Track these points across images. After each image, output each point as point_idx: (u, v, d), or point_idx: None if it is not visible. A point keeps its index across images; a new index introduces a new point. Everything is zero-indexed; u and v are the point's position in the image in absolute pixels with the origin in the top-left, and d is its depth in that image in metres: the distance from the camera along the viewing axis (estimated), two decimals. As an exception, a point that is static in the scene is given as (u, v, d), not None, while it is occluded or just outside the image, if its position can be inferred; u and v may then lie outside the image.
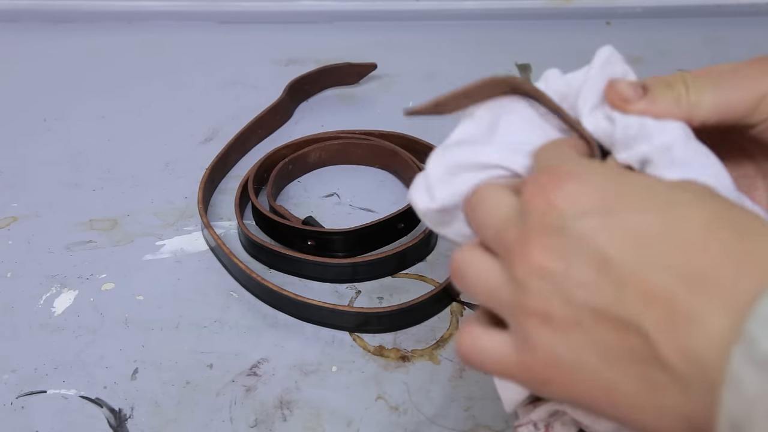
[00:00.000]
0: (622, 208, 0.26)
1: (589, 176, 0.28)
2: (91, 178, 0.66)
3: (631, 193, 0.27)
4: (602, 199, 0.27)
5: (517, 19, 0.88)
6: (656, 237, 0.26)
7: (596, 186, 0.27)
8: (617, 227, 0.26)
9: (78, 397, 0.47)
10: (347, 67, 0.77)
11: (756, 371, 0.22)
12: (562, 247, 0.27)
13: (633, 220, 0.26)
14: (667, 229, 0.26)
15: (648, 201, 0.27)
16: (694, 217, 0.26)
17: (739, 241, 0.25)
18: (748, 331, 0.23)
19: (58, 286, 0.55)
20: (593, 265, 0.26)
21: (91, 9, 0.90)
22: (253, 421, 0.46)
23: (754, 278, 0.24)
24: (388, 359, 0.49)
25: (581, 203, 0.27)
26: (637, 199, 0.27)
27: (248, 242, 0.57)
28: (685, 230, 0.25)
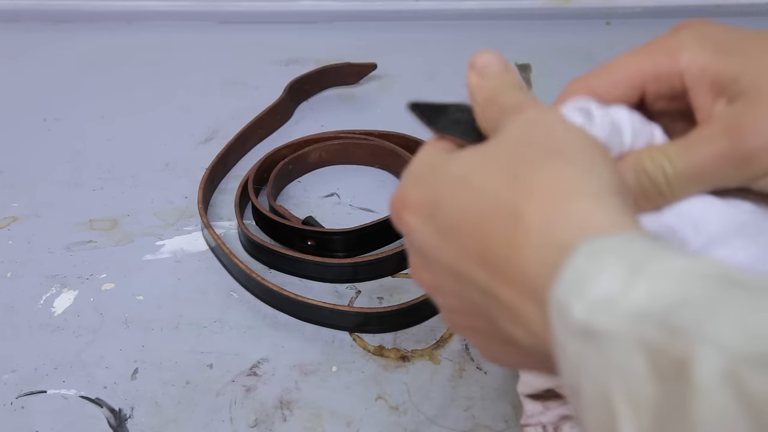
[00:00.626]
0: (442, 209, 0.29)
1: (423, 183, 0.30)
2: (91, 178, 0.66)
3: (448, 191, 0.29)
4: (429, 205, 0.29)
5: (517, 19, 0.88)
6: (464, 233, 0.28)
7: (425, 193, 0.30)
8: (441, 233, 0.29)
9: (78, 397, 0.47)
10: (347, 67, 0.77)
11: (575, 340, 0.22)
12: (424, 263, 0.31)
13: (448, 221, 0.28)
14: (469, 223, 0.27)
15: (456, 195, 0.28)
16: (485, 203, 0.27)
17: (515, 222, 0.26)
18: (557, 300, 0.23)
19: (58, 286, 0.55)
20: (445, 274, 0.29)
21: (91, 9, 0.90)
22: (253, 421, 0.46)
23: (542, 256, 0.25)
24: (388, 359, 0.49)
25: (417, 216, 0.30)
26: (451, 196, 0.28)
27: (248, 242, 0.57)
28: (482, 220, 0.27)
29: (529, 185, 0.26)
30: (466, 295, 0.28)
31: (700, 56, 0.31)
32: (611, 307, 0.21)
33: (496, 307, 0.27)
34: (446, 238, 0.28)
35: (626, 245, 0.23)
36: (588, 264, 0.23)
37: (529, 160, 0.27)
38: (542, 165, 0.26)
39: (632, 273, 0.21)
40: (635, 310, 0.21)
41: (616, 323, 0.21)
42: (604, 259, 0.22)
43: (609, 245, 0.23)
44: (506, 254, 0.26)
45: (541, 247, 0.25)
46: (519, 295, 0.25)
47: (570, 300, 0.22)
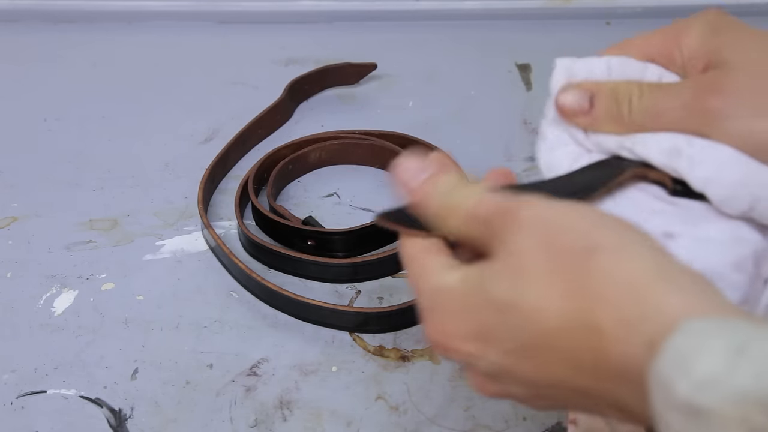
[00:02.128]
0: (491, 326, 0.28)
1: (458, 314, 0.29)
2: (91, 178, 0.66)
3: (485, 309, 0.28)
4: (476, 328, 0.29)
5: (517, 19, 0.88)
6: (528, 345, 0.27)
7: (465, 319, 0.29)
8: (507, 353, 0.28)
9: (78, 397, 0.47)
10: (347, 67, 0.77)
11: (679, 415, 0.22)
12: (494, 379, 0.30)
13: (504, 340, 0.28)
14: (522, 338, 0.27)
15: (505, 317, 0.28)
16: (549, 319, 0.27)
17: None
18: (659, 376, 0.23)
19: (58, 286, 0.55)
20: (526, 388, 0.29)
21: (91, 9, 0.90)
22: (253, 421, 0.46)
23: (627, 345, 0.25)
24: (388, 359, 0.49)
25: (469, 346, 0.29)
26: (498, 320, 0.28)
27: (248, 242, 0.57)
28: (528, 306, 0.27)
29: (589, 291, 0.26)
30: (544, 394, 0.29)
31: (700, 35, 0.33)
32: (716, 387, 0.22)
33: (584, 397, 0.27)
34: (518, 359, 0.28)
35: (726, 324, 0.23)
36: (690, 342, 0.23)
37: (573, 266, 0.26)
38: (590, 265, 0.26)
39: (736, 353, 0.22)
40: (740, 390, 0.21)
41: (720, 403, 0.21)
42: (708, 338, 0.23)
43: (711, 324, 0.23)
44: (592, 357, 0.26)
45: (629, 341, 0.25)
46: (612, 384, 0.26)
47: (673, 376, 0.23)
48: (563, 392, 0.28)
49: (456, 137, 0.68)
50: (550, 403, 0.30)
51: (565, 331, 0.26)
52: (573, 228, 0.27)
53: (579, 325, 0.26)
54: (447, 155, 0.33)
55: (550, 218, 0.28)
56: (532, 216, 0.28)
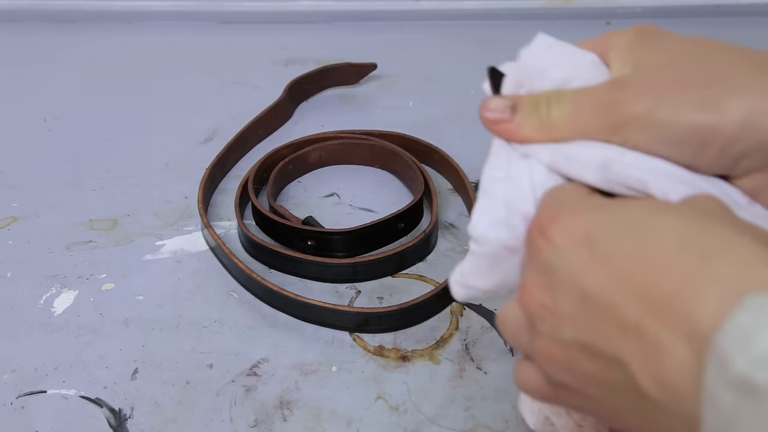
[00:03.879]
0: (602, 238, 0.27)
1: (579, 211, 0.29)
2: (91, 178, 0.66)
3: (612, 223, 0.28)
4: (587, 232, 0.28)
5: (517, 19, 0.88)
6: (630, 266, 0.26)
7: (584, 220, 0.28)
8: (597, 259, 0.27)
9: (78, 397, 0.47)
10: (347, 67, 0.77)
11: (731, 392, 0.22)
12: (551, 285, 0.29)
13: (610, 251, 0.27)
14: (639, 257, 0.26)
15: (626, 230, 0.27)
16: (665, 242, 0.26)
17: (702, 264, 0.25)
18: (718, 351, 0.23)
19: (58, 286, 0.55)
20: (576, 300, 0.28)
21: (91, 9, 0.90)
22: (253, 421, 0.46)
23: (714, 302, 0.24)
24: (388, 359, 0.49)
25: (569, 238, 0.28)
26: (616, 229, 0.28)
27: (248, 242, 0.57)
28: (655, 257, 0.26)
29: (719, 239, 0.26)
30: (589, 328, 0.27)
31: (626, 39, 0.34)
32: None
33: (635, 347, 0.26)
34: (602, 264, 0.27)
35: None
36: (753, 319, 0.23)
37: (711, 222, 0.27)
38: (725, 228, 0.26)
39: None
40: None
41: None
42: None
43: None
44: (676, 290, 0.25)
45: (720, 294, 0.24)
46: (672, 335, 0.25)
47: (732, 352, 0.22)
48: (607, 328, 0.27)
49: (456, 137, 0.68)
50: (583, 372, 0.28)
51: (672, 253, 0.26)
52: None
53: (693, 253, 0.25)
54: None
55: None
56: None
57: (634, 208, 0.28)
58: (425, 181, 0.60)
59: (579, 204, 0.30)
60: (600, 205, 0.29)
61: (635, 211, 0.28)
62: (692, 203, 0.28)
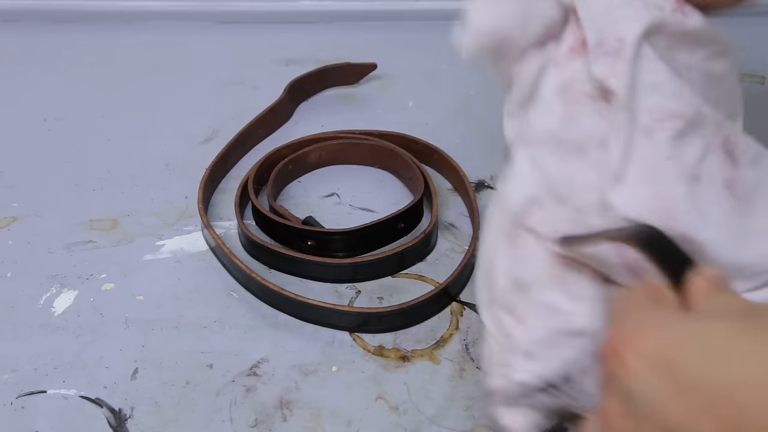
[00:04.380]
0: (683, 364, 0.26)
1: (656, 331, 0.28)
2: (91, 178, 0.66)
3: (693, 346, 0.27)
4: (666, 355, 0.27)
5: (517, 19, 0.88)
6: (714, 398, 0.26)
7: (662, 341, 0.27)
8: (678, 389, 0.26)
9: (78, 397, 0.47)
10: (347, 67, 0.77)
11: None
12: (632, 414, 0.28)
13: (692, 379, 0.26)
14: (723, 389, 0.26)
15: (709, 355, 0.26)
16: (751, 372, 0.25)
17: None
18: None
19: (58, 286, 0.55)
20: (658, 428, 0.27)
21: (91, 9, 0.90)
22: (253, 421, 0.46)
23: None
24: (388, 359, 0.49)
25: (647, 363, 0.27)
26: (698, 353, 0.27)
27: (248, 242, 0.57)
28: (740, 389, 0.25)
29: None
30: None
31: None
32: None
33: None
34: (684, 394, 0.26)
35: None
36: None
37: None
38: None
39: None
40: None
41: None
42: None
43: None
44: (764, 426, 0.24)
45: None
46: None
47: None
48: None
49: (456, 137, 0.68)
50: None
51: (756, 388, 0.25)
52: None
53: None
54: None
55: None
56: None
57: (717, 327, 0.27)
58: (425, 181, 0.60)
59: (655, 320, 0.28)
60: (679, 321, 0.28)
61: (719, 331, 0.27)
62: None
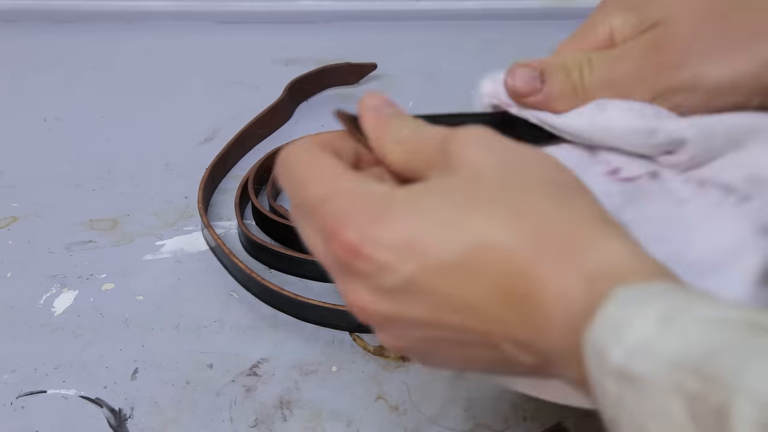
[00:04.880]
0: (431, 247, 0.26)
1: (390, 218, 0.27)
2: (91, 178, 0.66)
3: (433, 228, 0.26)
4: (410, 241, 0.26)
5: (517, 19, 0.88)
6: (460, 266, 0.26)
7: (401, 227, 0.26)
8: (439, 272, 0.26)
9: (78, 397, 0.47)
10: (347, 67, 0.77)
11: (613, 381, 0.22)
12: (390, 298, 0.27)
13: (446, 260, 0.26)
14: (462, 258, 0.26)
15: (448, 236, 0.26)
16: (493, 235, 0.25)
17: (561, 262, 0.25)
18: (594, 343, 0.23)
19: (58, 286, 0.55)
20: (427, 308, 0.27)
21: (91, 9, 0.90)
22: (253, 421, 0.46)
23: (581, 298, 0.24)
24: (388, 359, 0.49)
25: (391, 250, 0.26)
26: (441, 234, 0.26)
27: (248, 242, 0.57)
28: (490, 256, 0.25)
29: (537, 226, 0.25)
30: (443, 327, 0.27)
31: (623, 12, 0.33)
32: (648, 353, 0.22)
33: (486, 337, 0.26)
34: (437, 276, 0.26)
35: (658, 292, 0.23)
36: (623, 310, 0.23)
37: (524, 196, 0.26)
38: (541, 199, 0.26)
39: (666, 321, 0.22)
40: (671, 357, 0.21)
41: (653, 369, 0.21)
42: (639, 306, 0.23)
43: (642, 292, 0.23)
44: (523, 287, 0.25)
45: (571, 274, 0.24)
46: (532, 324, 0.25)
47: (607, 343, 0.23)
48: (467, 326, 0.26)
49: (456, 137, 0.68)
50: (440, 349, 0.28)
51: (503, 254, 0.25)
52: (525, 160, 0.27)
53: (521, 254, 0.25)
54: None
55: (502, 143, 0.27)
56: (486, 137, 0.27)
57: (435, 202, 0.26)
58: (425, 181, 0.60)
59: (385, 205, 0.27)
60: (405, 204, 0.27)
61: (437, 204, 0.26)
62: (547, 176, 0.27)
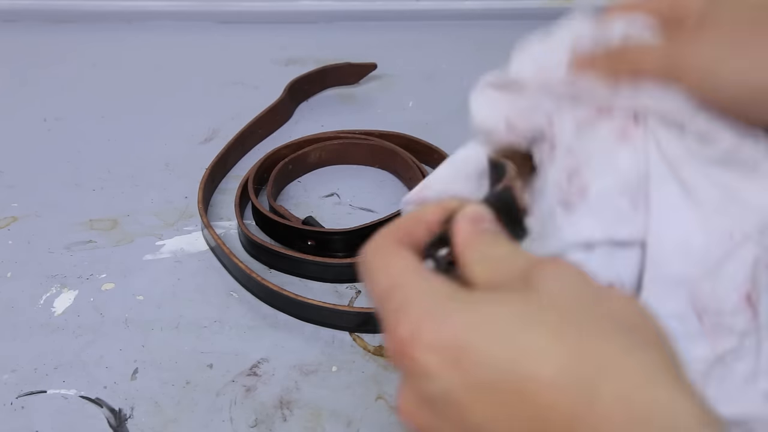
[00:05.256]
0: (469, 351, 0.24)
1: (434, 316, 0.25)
2: (91, 178, 0.66)
3: (481, 334, 0.24)
4: (451, 343, 0.24)
5: (517, 19, 0.88)
6: (502, 388, 0.24)
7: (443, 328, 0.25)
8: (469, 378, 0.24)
9: (78, 397, 0.47)
10: (347, 67, 0.77)
11: None
12: (430, 408, 0.26)
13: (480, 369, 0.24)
14: (507, 378, 0.24)
15: (499, 346, 0.24)
16: (545, 368, 0.23)
17: (589, 406, 0.23)
18: None
19: (58, 286, 0.55)
20: (458, 427, 0.25)
21: (91, 9, 0.90)
22: (253, 421, 0.46)
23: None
24: (388, 359, 0.49)
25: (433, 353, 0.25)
26: (488, 344, 0.24)
27: (248, 242, 0.57)
28: (533, 385, 0.23)
29: (602, 362, 0.23)
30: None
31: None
32: None
33: None
34: (481, 396, 0.24)
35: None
36: None
37: (592, 330, 0.24)
38: (612, 339, 0.24)
39: None
40: None
41: None
42: None
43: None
44: (569, 423, 0.23)
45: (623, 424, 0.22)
46: None
47: None
48: None
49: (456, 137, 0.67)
50: None
51: (549, 392, 0.23)
52: (603, 298, 0.25)
53: (567, 398, 0.23)
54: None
55: (583, 279, 0.26)
56: (568, 270, 0.26)
57: (499, 311, 0.25)
58: (425, 181, 0.60)
59: (445, 307, 0.25)
60: (459, 307, 0.25)
61: (502, 316, 0.24)
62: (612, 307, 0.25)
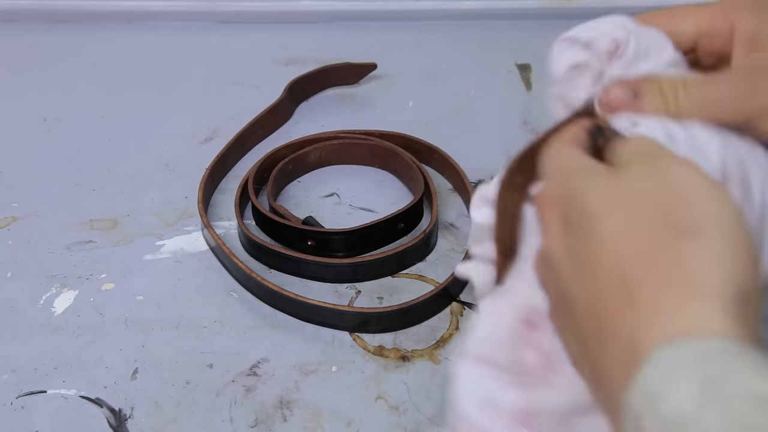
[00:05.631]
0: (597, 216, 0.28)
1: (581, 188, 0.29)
2: (91, 178, 0.66)
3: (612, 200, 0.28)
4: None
5: (517, 19, 0.88)
6: (615, 241, 0.27)
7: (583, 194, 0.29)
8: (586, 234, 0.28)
9: (78, 397, 0.47)
10: (347, 67, 0.77)
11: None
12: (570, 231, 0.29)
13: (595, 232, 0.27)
14: (617, 238, 0.27)
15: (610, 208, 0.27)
16: (642, 224, 0.26)
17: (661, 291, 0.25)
18: (631, 407, 0.23)
19: (58, 286, 0.55)
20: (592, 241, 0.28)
21: (91, 9, 0.90)
22: (253, 421, 0.46)
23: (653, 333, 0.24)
24: (388, 359, 0.49)
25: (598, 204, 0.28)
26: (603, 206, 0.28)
27: (248, 242, 0.57)
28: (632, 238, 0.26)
29: (658, 263, 0.25)
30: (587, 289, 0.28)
31: (750, 17, 0.33)
32: (685, 430, 0.21)
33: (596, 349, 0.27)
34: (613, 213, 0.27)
35: (706, 356, 0.22)
36: (661, 377, 0.22)
37: (664, 232, 0.26)
38: (675, 243, 0.25)
39: (706, 392, 0.21)
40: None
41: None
42: (678, 374, 0.22)
43: (687, 356, 0.22)
44: (617, 312, 0.25)
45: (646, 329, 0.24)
46: (616, 360, 0.25)
47: (643, 412, 0.22)
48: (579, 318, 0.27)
49: (456, 137, 0.68)
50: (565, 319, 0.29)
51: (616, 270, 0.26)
52: (694, 198, 0.27)
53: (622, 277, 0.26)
54: None
55: (683, 177, 0.28)
56: (674, 167, 0.28)
57: (594, 194, 0.28)
58: (425, 181, 0.60)
59: (565, 177, 0.30)
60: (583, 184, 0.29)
61: (594, 198, 0.28)
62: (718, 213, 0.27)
